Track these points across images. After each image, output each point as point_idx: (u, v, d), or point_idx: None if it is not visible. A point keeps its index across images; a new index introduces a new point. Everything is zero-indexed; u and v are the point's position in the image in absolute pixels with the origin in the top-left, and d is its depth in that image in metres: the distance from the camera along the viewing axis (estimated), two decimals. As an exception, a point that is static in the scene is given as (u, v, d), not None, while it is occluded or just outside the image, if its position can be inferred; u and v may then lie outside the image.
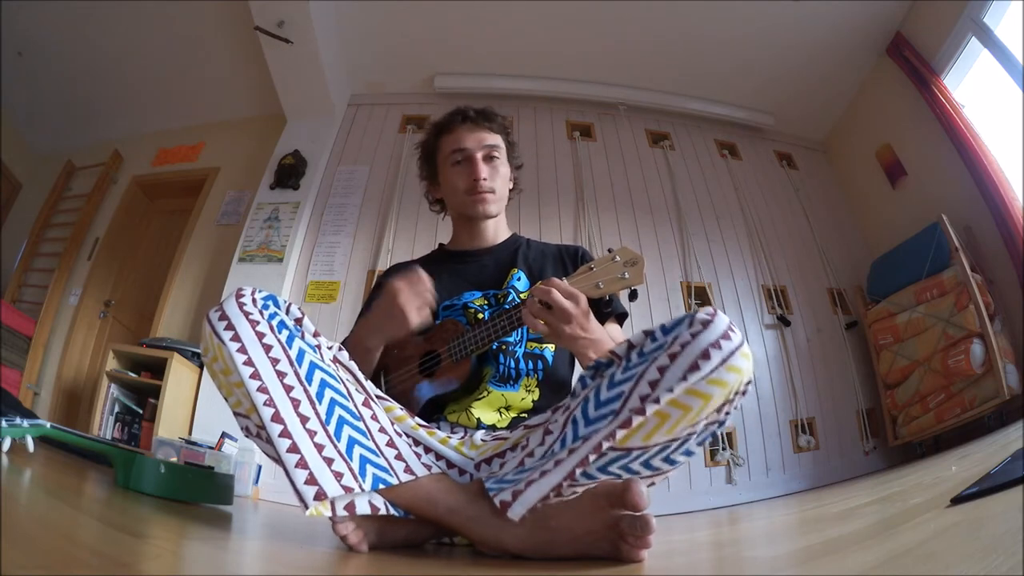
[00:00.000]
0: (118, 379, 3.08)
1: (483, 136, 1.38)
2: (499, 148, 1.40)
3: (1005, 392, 2.64)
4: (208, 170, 4.16)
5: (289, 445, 0.78)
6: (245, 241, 3.55)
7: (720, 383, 0.75)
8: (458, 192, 1.37)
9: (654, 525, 0.68)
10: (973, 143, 3.14)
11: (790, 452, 3.26)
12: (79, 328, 3.84)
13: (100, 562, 0.51)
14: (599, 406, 0.81)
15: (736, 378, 0.75)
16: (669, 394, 0.74)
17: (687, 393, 0.75)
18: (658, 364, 0.77)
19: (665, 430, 0.78)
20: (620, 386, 0.80)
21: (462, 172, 1.37)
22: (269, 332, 0.86)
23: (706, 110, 4.32)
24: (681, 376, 0.74)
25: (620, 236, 3.68)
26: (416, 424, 0.98)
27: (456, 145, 1.37)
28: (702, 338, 0.75)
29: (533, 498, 0.73)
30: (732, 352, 0.75)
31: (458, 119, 1.40)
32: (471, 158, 1.35)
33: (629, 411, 0.76)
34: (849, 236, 4.11)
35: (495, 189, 1.37)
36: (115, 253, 4.13)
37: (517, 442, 0.94)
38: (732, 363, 0.75)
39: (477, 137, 1.37)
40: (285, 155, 3.82)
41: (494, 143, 1.39)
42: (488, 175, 1.35)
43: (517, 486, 0.76)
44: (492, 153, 1.38)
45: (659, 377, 0.76)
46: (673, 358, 0.76)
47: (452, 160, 1.38)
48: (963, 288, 2.91)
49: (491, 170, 1.37)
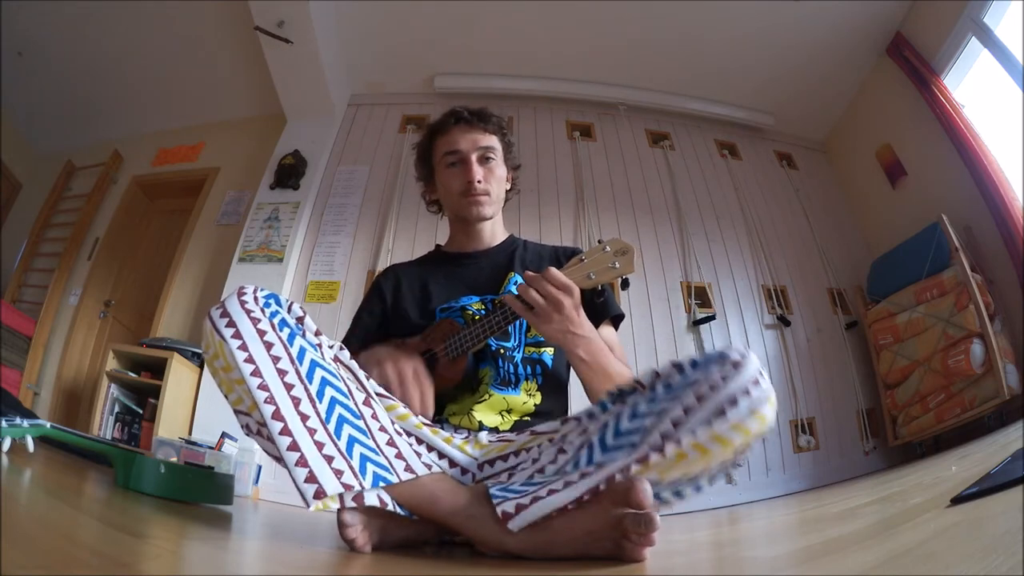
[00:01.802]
0: (118, 379, 3.08)
1: (478, 137, 1.36)
2: (494, 149, 1.38)
3: (1005, 392, 2.64)
4: (208, 170, 4.17)
5: (289, 443, 0.78)
6: (245, 241, 3.55)
7: (744, 431, 0.74)
8: (453, 194, 1.36)
9: (658, 523, 0.68)
10: (973, 143, 3.14)
11: (790, 452, 3.26)
12: (79, 328, 3.84)
13: (100, 562, 0.51)
14: (618, 435, 0.81)
15: (759, 426, 0.75)
16: (691, 437, 0.74)
17: (710, 438, 0.74)
18: (684, 403, 0.76)
19: (681, 468, 0.78)
20: (642, 419, 0.80)
21: (456, 174, 1.35)
22: (270, 330, 0.86)
23: (706, 110, 4.32)
24: (706, 420, 0.74)
25: (620, 236, 3.61)
26: (420, 423, 0.98)
27: (450, 147, 1.36)
28: (732, 383, 0.74)
29: (536, 515, 0.73)
30: (761, 401, 0.74)
31: (452, 120, 1.38)
32: (465, 160, 1.34)
33: (648, 447, 0.75)
34: (849, 236, 4.10)
35: (490, 191, 1.35)
36: (115, 253, 4.14)
37: (523, 447, 0.94)
38: (759, 411, 0.74)
39: (472, 138, 1.36)
40: (285, 155, 3.82)
41: (489, 144, 1.37)
42: (483, 177, 1.34)
43: (522, 499, 0.75)
44: (487, 155, 1.36)
45: (684, 417, 0.75)
46: (701, 399, 0.75)
47: (447, 162, 1.37)
48: (963, 288, 2.91)
49: (486, 172, 1.35)
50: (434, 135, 1.42)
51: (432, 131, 1.43)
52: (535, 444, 0.94)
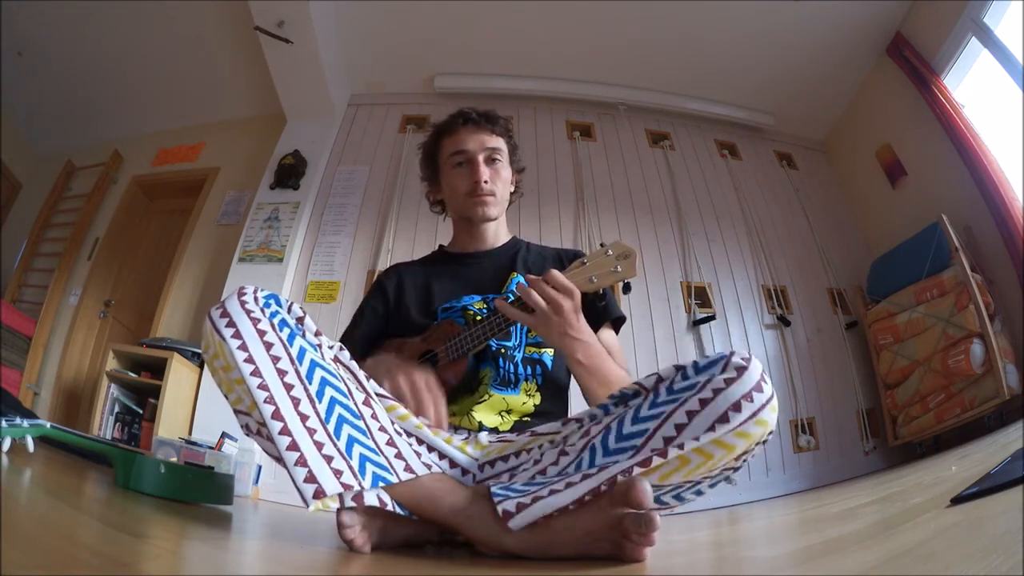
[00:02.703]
0: (118, 379, 3.08)
1: (485, 138, 1.37)
2: (501, 151, 1.38)
3: (1005, 392, 2.64)
4: (208, 170, 4.17)
5: (289, 443, 0.78)
6: (245, 241, 3.55)
7: (746, 436, 0.75)
8: (458, 194, 1.36)
9: (659, 522, 0.68)
10: (973, 143, 3.14)
11: (790, 452, 3.27)
12: (79, 328, 3.84)
13: (100, 562, 0.51)
14: (620, 438, 0.81)
15: (762, 431, 0.76)
16: (695, 442, 0.74)
17: (713, 443, 0.75)
18: (687, 408, 0.77)
19: (683, 473, 0.78)
20: (645, 422, 0.80)
21: (463, 174, 1.35)
22: (270, 330, 0.86)
23: (706, 110, 4.32)
24: (709, 426, 0.74)
25: (620, 236, 3.67)
26: (420, 423, 0.98)
27: (457, 147, 1.36)
28: (735, 388, 0.75)
29: (536, 514, 0.73)
30: (763, 406, 0.75)
31: (460, 121, 1.38)
32: (472, 160, 1.34)
33: (651, 451, 0.76)
34: (849, 236, 4.10)
35: (496, 192, 1.35)
36: (115, 253, 4.13)
37: (523, 447, 0.94)
38: (761, 417, 0.75)
39: (479, 139, 1.36)
40: (285, 155, 3.82)
41: (496, 146, 1.37)
42: (489, 177, 1.34)
43: (523, 499, 0.75)
44: (494, 156, 1.36)
45: (687, 422, 0.76)
46: (704, 404, 0.76)
47: (453, 162, 1.37)
48: (963, 288, 2.90)
49: (492, 173, 1.35)
50: (441, 135, 1.42)
51: (439, 131, 1.43)
52: (536, 445, 0.93)
